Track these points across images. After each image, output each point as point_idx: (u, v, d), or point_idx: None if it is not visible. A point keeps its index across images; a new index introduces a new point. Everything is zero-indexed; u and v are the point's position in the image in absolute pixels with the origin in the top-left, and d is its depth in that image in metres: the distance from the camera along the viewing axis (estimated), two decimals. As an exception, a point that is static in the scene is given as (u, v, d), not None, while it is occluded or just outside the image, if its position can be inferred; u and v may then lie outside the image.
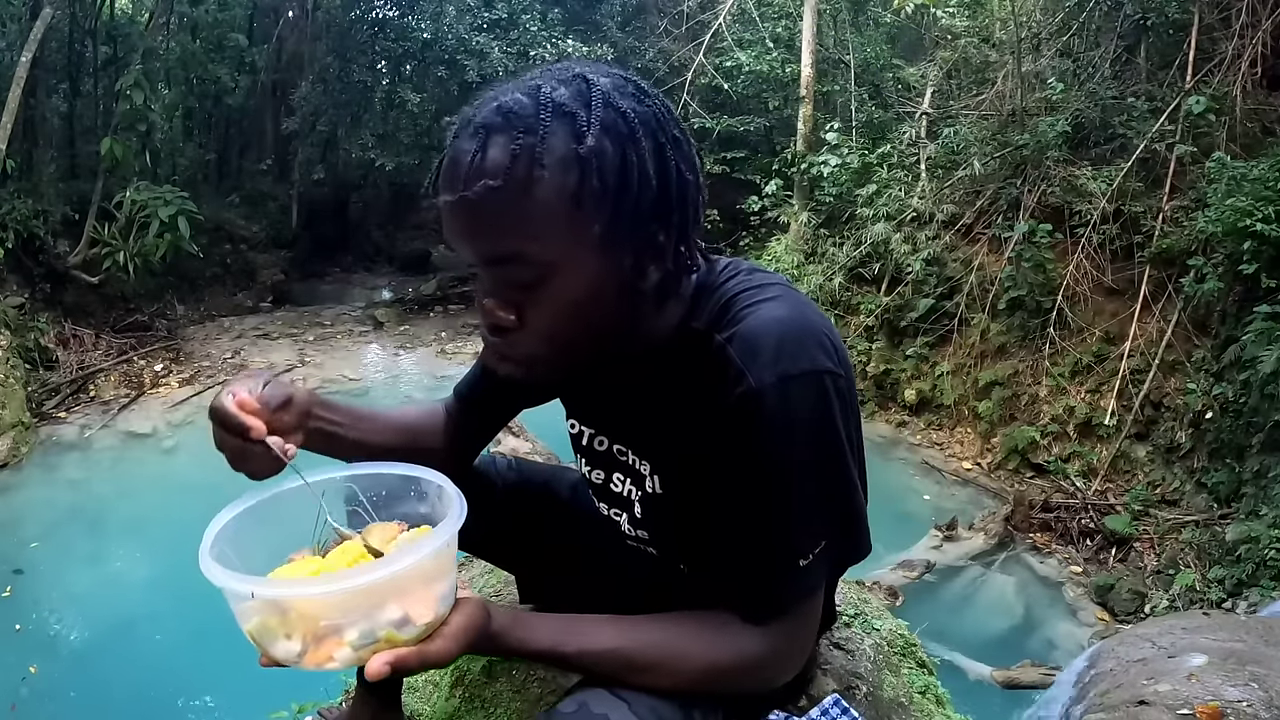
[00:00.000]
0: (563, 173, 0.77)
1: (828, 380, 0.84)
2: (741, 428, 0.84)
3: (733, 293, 0.90)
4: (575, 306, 0.82)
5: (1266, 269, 5.35)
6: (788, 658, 0.93)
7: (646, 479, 1.01)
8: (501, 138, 0.77)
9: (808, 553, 0.87)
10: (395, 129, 10.92)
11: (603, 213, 0.79)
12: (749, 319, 0.86)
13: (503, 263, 0.80)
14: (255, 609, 0.75)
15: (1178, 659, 1.29)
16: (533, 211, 0.77)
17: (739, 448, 0.85)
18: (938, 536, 5.75)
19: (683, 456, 0.94)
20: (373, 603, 0.75)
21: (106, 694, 4.29)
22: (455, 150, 0.80)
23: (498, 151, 0.77)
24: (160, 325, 9.24)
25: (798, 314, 0.86)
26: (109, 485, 6.45)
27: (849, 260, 7.94)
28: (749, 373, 0.83)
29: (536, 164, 0.76)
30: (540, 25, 10.41)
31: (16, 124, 7.77)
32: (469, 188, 0.77)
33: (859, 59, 9.06)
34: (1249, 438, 5.31)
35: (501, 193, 0.76)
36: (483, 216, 0.78)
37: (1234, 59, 6.42)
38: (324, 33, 11.47)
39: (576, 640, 0.87)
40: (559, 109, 0.78)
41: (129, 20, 10.54)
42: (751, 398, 0.82)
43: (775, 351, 0.83)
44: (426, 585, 0.78)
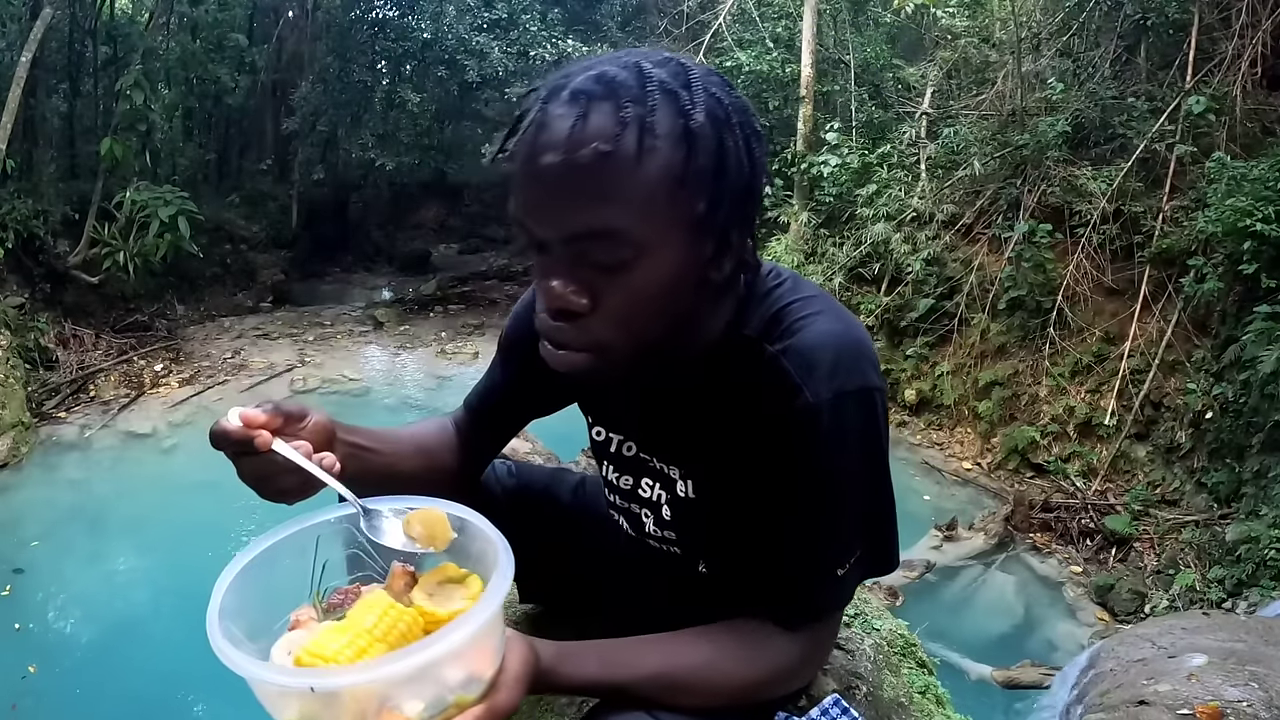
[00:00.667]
0: (672, 148, 0.74)
1: (876, 397, 0.85)
2: (794, 440, 0.84)
3: (783, 302, 0.89)
4: (656, 293, 0.78)
5: (1266, 269, 5.35)
6: (813, 663, 0.96)
7: (677, 483, 1.00)
8: (606, 105, 0.73)
9: (845, 562, 0.88)
10: (395, 129, 10.91)
11: (702, 196, 0.76)
12: (804, 332, 0.85)
13: (592, 238, 0.75)
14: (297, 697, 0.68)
15: (1178, 659, 1.29)
16: (639, 184, 0.73)
17: (789, 459, 0.85)
18: (938, 536, 5.75)
19: (720, 463, 0.93)
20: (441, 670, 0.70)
21: (106, 694, 4.29)
22: (547, 115, 0.75)
23: (604, 119, 0.73)
24: (160, 325, 9.24)
25: (849, 330, 0.87)
26: (109, 485, 6.45)
27: (849, 260, 7.94)
28: (806, 387, 0.83)
29: (648, 134, 0.73)
30: (540, 25, 10.40)
31: (16, 124, 7.76)
32: (574, 152, 0.72)
33: (859, 59, 9.05)
34: (1249, 438, 5.31)
35: (611, 160, 0.72)
36: (584, 184, 0.73)
37: (1234, 59, 6.42)
38: (324, 33, 11.47)
39: (621, 669, 0.87)
40: (662, 85, 0.75)
41: (129, 20, 10.54)
42: (807, 412, 0.83)
43: (831, 367, 0.83)
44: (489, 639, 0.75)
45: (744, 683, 0.89)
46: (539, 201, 0.76)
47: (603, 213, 0.74)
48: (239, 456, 0.82)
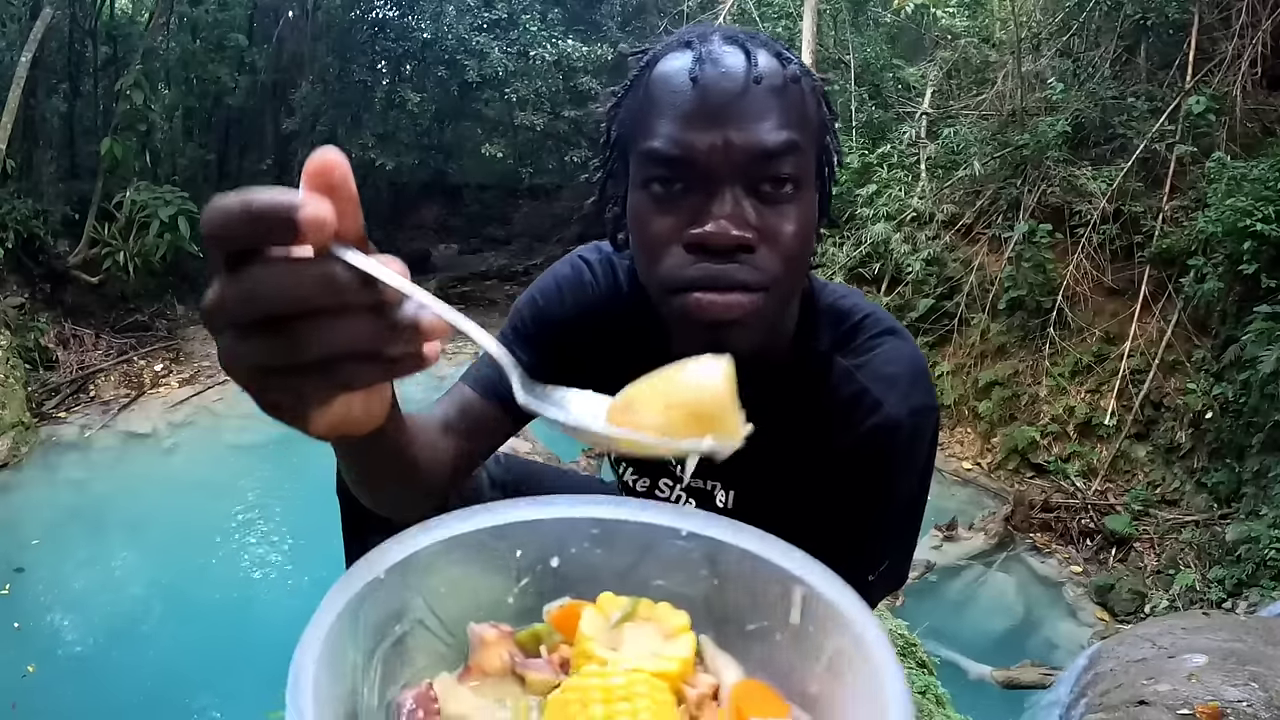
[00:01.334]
0: (814, 93, 0.82)
1: (938, 418, 0.91)
2: (869, 455, 0.86)
3: (854, 316, 0.91)
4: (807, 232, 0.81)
5: (1266, 269, 5.35)
6: None
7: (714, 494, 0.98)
8: (763, 50, 0.79)
9: (876, 569, 0.91)
10: (395, 129, 10.91)
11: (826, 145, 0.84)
12: (882, 350, 0.88)
13: (778, 156, 0.76)
14: None
15: (1178, 659, 1.29)
16: (809, 113, 0.80)
17: (860, 473, 0.87)
18: (938, 536, 5.75)
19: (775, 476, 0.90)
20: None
21: (105, 694, 4.28)
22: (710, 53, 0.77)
23: (769, 60, 0.78)
24: (160, 325, 9.23)
25: (918, 353, 0.91)
26: (109, 485, 6.45)
27: (849, 260, 7.94)
28: (886, 404, 0.85)
29: (806, 76, 0.80)
30: (540, 25, 10.40)
31: (16, 124, 7.76)
32: (762, 78, 0.76)
33: (859, 59, 9.05)
34: (1249, 438, 5.31)
35: (795, 87, 0.78)
36: (774, 103, 0.76)
37: (1234, 59, 6.42)
38: (324, 33, 11.47)
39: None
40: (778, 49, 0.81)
41: (129, 20, 10.54)
42: (887, 429, 0.85)
43: (909, 387, 0.86)
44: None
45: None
46: (722, 125, 0.74)
47: (790, 130, 0.77)
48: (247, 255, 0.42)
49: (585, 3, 11.62)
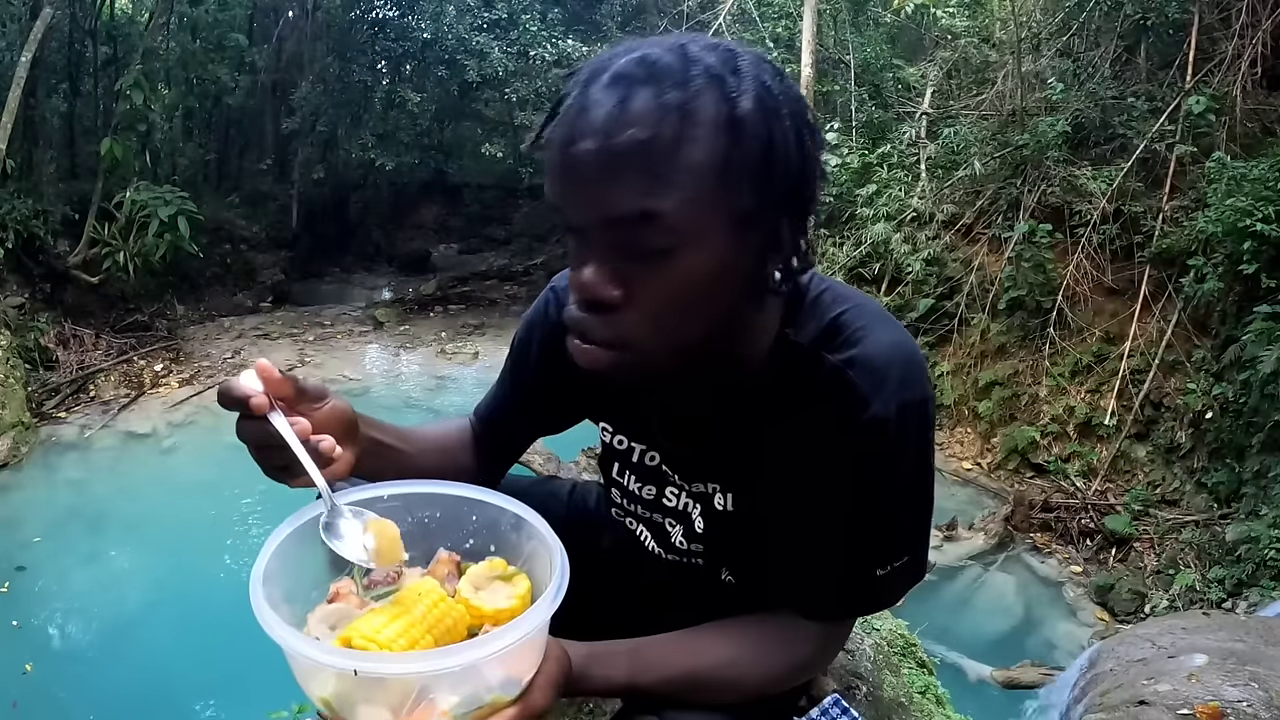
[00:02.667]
0: (714, 136, 0.71)
1: (930, 406, 0.87)
2: (859, 451, 0.84)
3: (837, 309, 0.87)
4: (694, 289, 0.74)
5: (1266, 269, 5.35)
6: (828, 656, 0.98)
7: (714, 497, 0.97)
8: (647, 90, 0.70)
9: (887, 564, 0.88)
10: (395, 129, 10.92)
11: (747, 187, 0.73)
12: (866, 343, 0.84)
13: (630, 224, 0.71)
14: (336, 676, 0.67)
15: (1178, 659, 1.29)
16: (678, 170, 0.70)
17: (850, 469, 0.85)
18: (938, 536, 5.74)
19: (770, 475, 0.91)
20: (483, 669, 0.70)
21: (105, 694, 4.29)
22: (587, 99, 0.72)
23: (644, 102, 0.69)
24: (160, 325, 9.23)
25: (906, 340, 0.87)
26: (109, 485, 6.45)
27: (849, 260, 7.94)
28: (874, 400, 0.82)
29: (688, 121, 0.70)
30: (540, 25, 10.40)
31: (16, 124, 7.76)
32: (612, 136, 0.69)
33: (859, 59, 9.05)
34: (1249, 438, 5.31)
35: (649, 145, 0.69)
36: (619, 169, 0.70)
37: (1234, 59, 6.42)
38: (324, 33, 11.47)
39: (648, 672, 0.87)
40: (708, 70, 0.72)
41: (129, 20, 10.55)
42: (875, 423, 0.82)
43: (898, 380, 0.83)
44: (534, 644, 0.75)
45: (764, 679, 0.90)
46: (576, 186, 0.73)
47: (641, 197, 0.70)
48: (241, 417, 0.77)
49: (585, 3, 11.62)
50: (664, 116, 0.69)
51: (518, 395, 1.11)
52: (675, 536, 1.03)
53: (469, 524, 0.85)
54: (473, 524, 0.84)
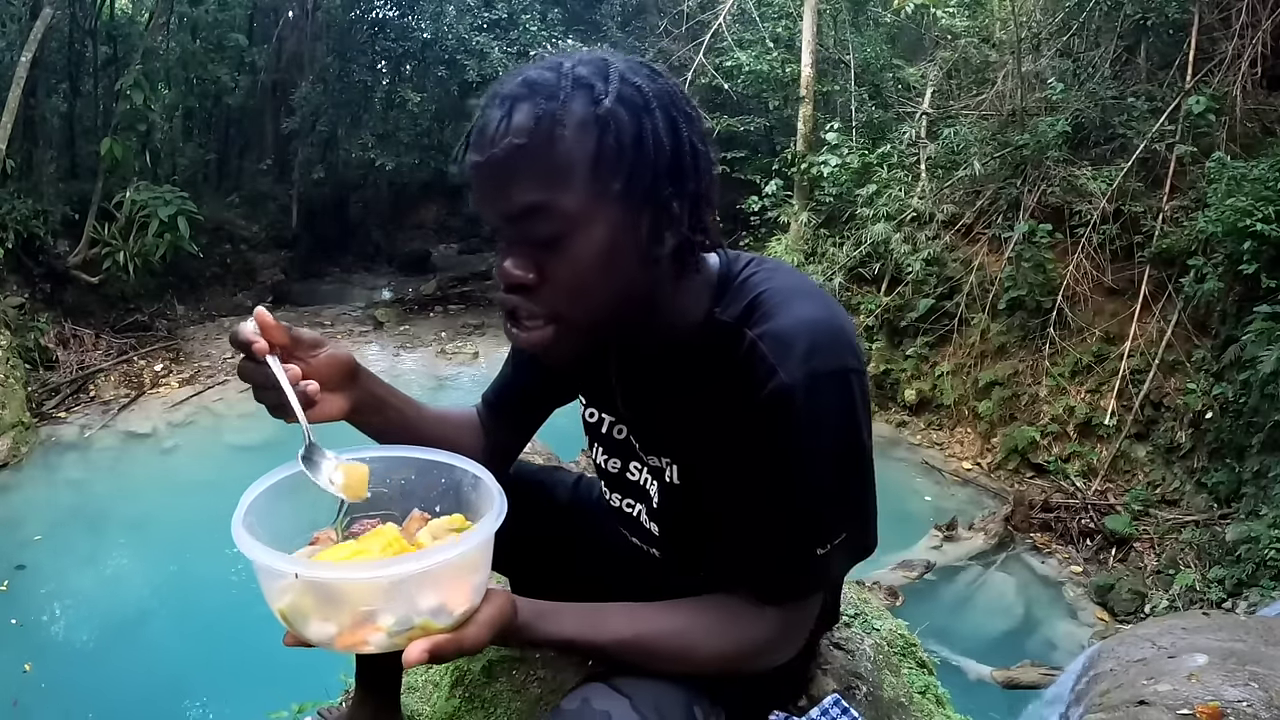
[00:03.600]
0: (581, 132, 0.81)
1: (853, 379, 0.87)
2: (771, 422, 0.86)
3: (761, 288, 0.92)
4: (595, 262, 0.84)
5: (1266, 269, 5.35)
6: (789, 642, 0.96)
7: (665, 470, 1.02)
8: (526, 104, 0.82)
9: (826, 543, 0.90)
10: (395, 129, 10.93)
11: (620, 172, 0.83)
12: (780, 316, 0.88)
13: (526, 216, 0.83)
14: (290, 588, 0.75)
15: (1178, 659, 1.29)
16: (555, 166, 0.81)
17: (767, 441, 0.87)
18: (938, 536, 5.75)
19: (704, 448, 0.96)
20: (415, 591, 0.76)
21: (105, 693, 4.29)
22: (483, 119, 0.85)
23: (522, 116, 0.82)
24: (160, 325, 9.24)
25: (826, 313, 0.89)
26: (109, 485, 6.45)
27: (849, 260, 7.94)
28: (780, 369, 0.85)
29: (558, 124, 0.81)
30: (540, 25, 10.41)
31: (16, 124, 7.77)
32: (497, 146, 0.82)
33: (859, 59, 9.05)
34: (1249, 438, 5.31)
35: (525, 150, 0.81)
36: (507, 173, 0.82)
37: (1234, 59, 6.42)
38: (324, 33, 11.48)
39: (598, 630, 0.90)
40: (578, 79, 0.83)
41: (129, 20, 10.55)
42: (782, 393, 0.84)
43: (807, 350, 0.85)
44: (466, 576, 0.79)
45: (715, 654, 0.91)
46: (481, 193, 0.86)
47: (528, 193, 0.82)
48: (243, 359, 0.89)
49: (585, 3, 11.63)
50: (538, 123, 0.81)
51: (520, 375, 1.18)
52: (642, 517, 1.09)
53: (438, 485, 0.94)
54: (441, 485, 0.94)
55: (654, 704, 0.87)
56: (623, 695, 0.87)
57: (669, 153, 0.84)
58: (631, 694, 0.87)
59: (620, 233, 0.84)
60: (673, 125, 0.85)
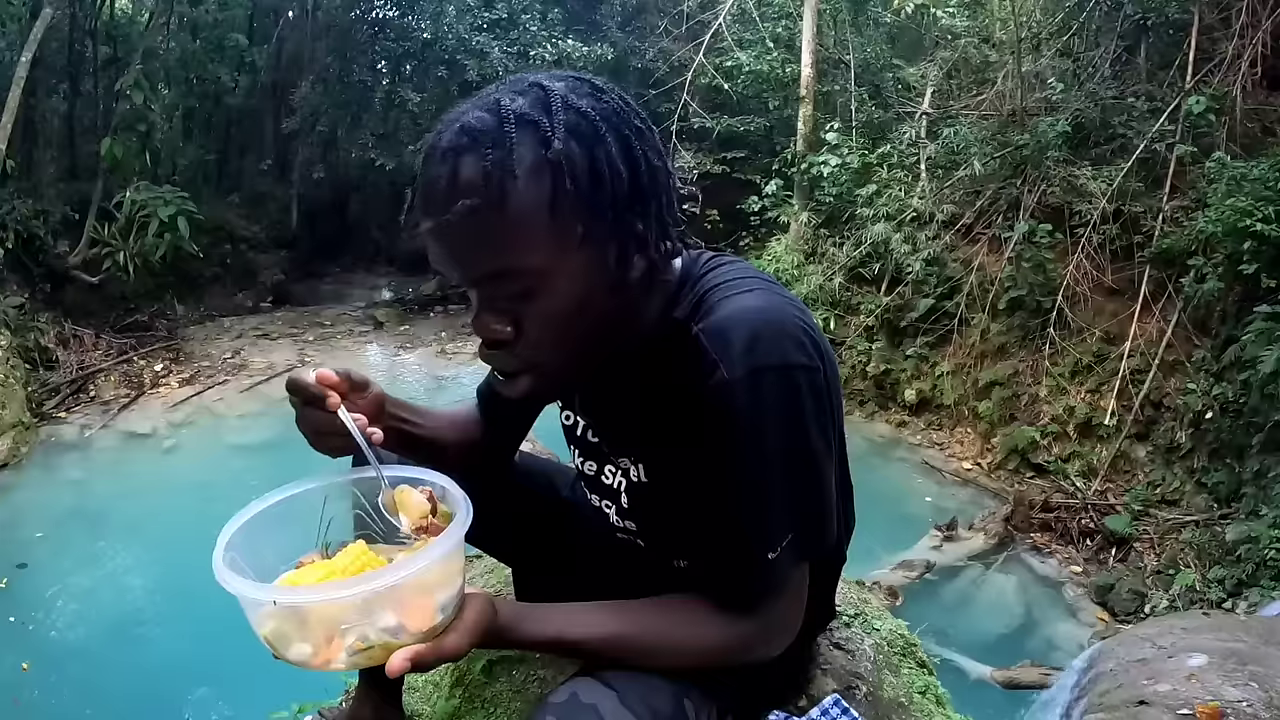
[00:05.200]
0: (536, 181, 0.77)
1: (800, 375, 0.84)
2: (713, 419, 0.85)
3: (711, 284, 0.90)
4: (569, 310, 0.83)
5: (1266, 269, 5.35)
6: (766, 643, 0.94)
7: (631, 469, 1.02)
8: (471, 157, 0.78)
9: (775, 546, 0.87)
10: (395, 129, 10.92)
11: (580, 214, 0.79)
12: (722, 310, 0.86)
13: (492, 280, 0.81)
14: (271, 614, 0.78)
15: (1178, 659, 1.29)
16: (513, 225, 0.78)
17: (711, 439, 0.86)
18: (938, 536, 5.75)
19: (663, 446, 0.96)
20: (370, 610, 0.77)
21: (104, 692, 4.29)
22: (427, 177, 0.81)
23: (469, 171, 0.77)
24: (160, 325, 9.24)
25: (772, 307, 0.86)
26: (109, 485, 6.45)
27: (849, 260, 7.94)
28: (721, 365, 0.83)
29: (509, 176, 0.77)
30: (540, 25, 10.41)
31: (16, 124, 7.77)
32: (447, 211, 0.78)
33: (859, 59, 9.05)
34: (1249, 438, 5.31)
35: (480, 211, 0.77)
36: (465, 238, 0.79)
37: (1234, 59, 6.42)
38: (324, 33, 11.48)
39: (579, 629, 0.90)
40: (521, 119, 0.78)
41: (129, 20, 10.55)
42: (722, 390, 0.83)
43: (747, 344, 0.83)
44: (426, 594, 0.79)
45: (697, 650, 0.91)
46: (438, 256, 0.83)
47: (490, 258, 0.79)
48: (305, 406, 0.91)
49: (585, 3, 11.63)
50: (488, 179, 0.77)
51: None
52: (612, 516, 1.09)
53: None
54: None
55: (642, 697, 0.86)
56: (611, 689, 0.86)
57: (627, 179, 0.81)
58: (620, 688, 0.86)
59: (589, 274, 0.82)
60: (626, 147, 0.82)
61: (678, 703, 0.90)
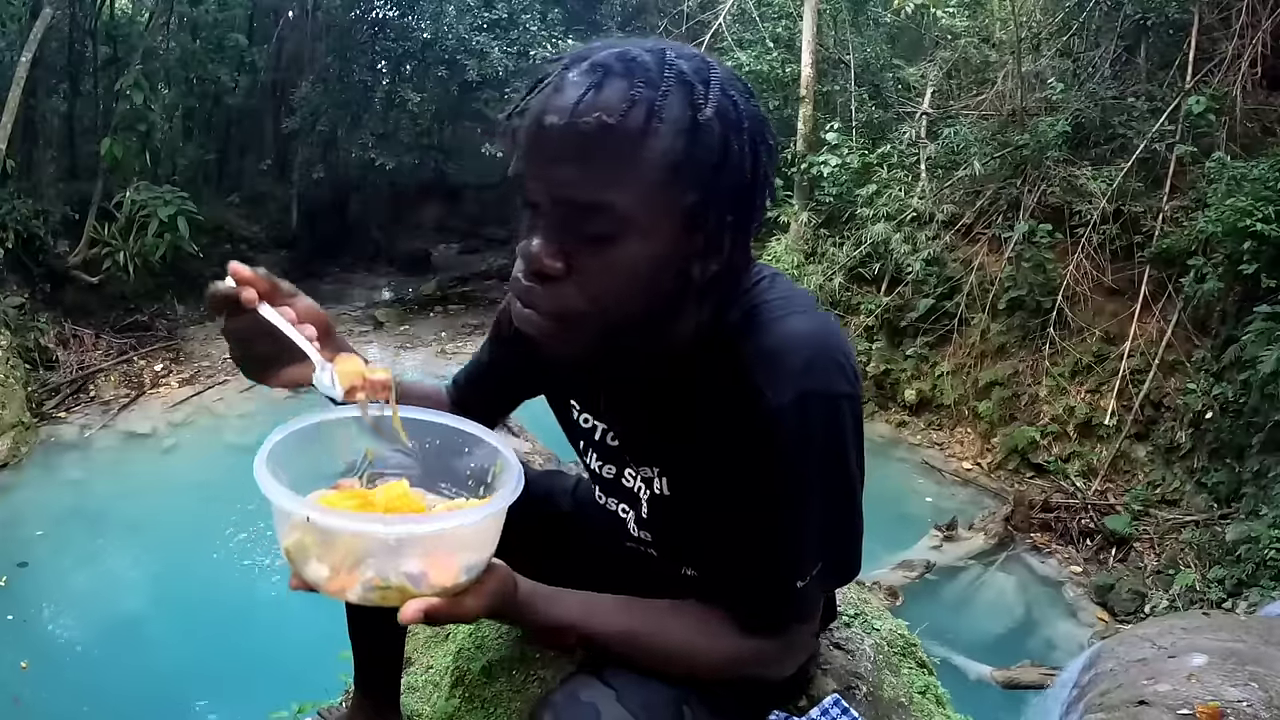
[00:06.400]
0: (674, 134, 0.75)
1: (844, 405, 0.83)
2: (756, 444, 0.83)
3: (757, 301, 0.87)
4: (633, 274, 0.78)
5: (1266, 269, 5.35)
6: (780, 663, 0.95)
7: (655, 480, 1.00)
8: (621, 82, 0.75)
9: (806, 575, 0.87)
10: (395, 129, 10.91)
11: (697, 188, 0.77)
12: (772, 333, 0.84)
13: (578, 208, 0.76)
14: (300, 528, 0.77)
15: (1178, 659, 1.29)
16: (636, 163, 0.75)
17: (751, 463, 0.84)
18: (938, 536, 5.75)
19: (691, 463, 0.93)
20: (401, 552, 0.76)
21: (104, 691, 4.29)
22: (564, 80, 0.77)
23: (615, 93, 0.74)
24: (160, 325, 9.23)
25: (821, 333, 0.85)
26: (109, 485, 6.45)
27: (849, 260, 7.94)
28: (768, 390, 0.81)
29: (654, 116, 0.74)
30: (540, 25, 10.40)
31: (16, 124, 7.77)
32: (579, 118, 0.74)
33: (859, 59, 9.05)
34: (1249, 438, 5.31)
35: (613, 132, 0.74)
36: (584, 150, 0.75)
37: (1234, 59, 6.42)
38: (324, 33, 11.47)
39: (596, 620, 0.89)
40: (681, 76, 0.77)
41: (129, 20, 10.54)
42: (769, 415, 0.81)
43: (797, 371, 0.81)
44: (456, 552, 0.79)
45: (708, 662, 0.90)
46: (537, 161, 0.78)
47: (595, 185, 0.75)
48: (228, 315, 0.86)
49: (585, 3, 11.63)
50: (631, 108, 0.73)
51: (496, 362, 1.16)
52: (630, 523, 1.06)
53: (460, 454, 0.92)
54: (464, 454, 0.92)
55: (642, 700, 0.86)
56: (610, 688, 0.86)
57: (746, 181, 0.79)
58: (619, 687, 0.86)
59: (671, 251, 0.79)
60: (755, 153, 0.80)
61: (677, 708, 0.89)
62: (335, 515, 0.77)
